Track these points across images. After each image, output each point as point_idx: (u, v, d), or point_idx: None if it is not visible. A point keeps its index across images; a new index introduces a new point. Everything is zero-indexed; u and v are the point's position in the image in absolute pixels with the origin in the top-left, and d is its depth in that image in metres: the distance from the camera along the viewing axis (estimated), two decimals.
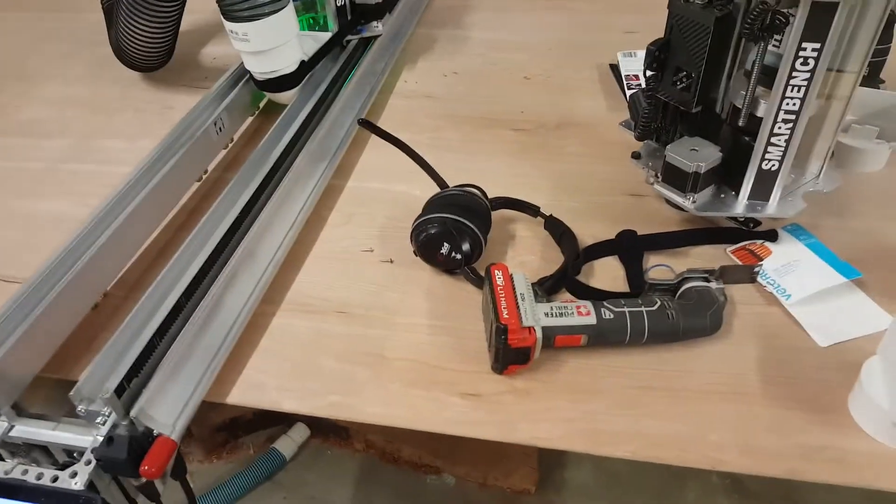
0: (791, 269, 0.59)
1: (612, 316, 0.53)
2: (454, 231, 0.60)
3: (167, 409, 0.50)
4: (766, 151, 0.56)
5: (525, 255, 0.65)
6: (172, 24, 0.87)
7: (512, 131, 0.83)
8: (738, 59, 0.58)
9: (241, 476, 1.15)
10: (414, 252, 0.62)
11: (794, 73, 0.51)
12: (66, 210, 0.74)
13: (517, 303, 0.53)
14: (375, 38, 0.92)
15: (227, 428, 1.22)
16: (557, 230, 0.65)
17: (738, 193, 0.60)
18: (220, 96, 0.80)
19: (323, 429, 1.25)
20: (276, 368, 0.55)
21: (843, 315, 0.56)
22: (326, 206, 0.72)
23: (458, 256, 0.60)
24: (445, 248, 0.60)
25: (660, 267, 0.62)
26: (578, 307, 0.53)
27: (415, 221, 0.62)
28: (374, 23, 0.91)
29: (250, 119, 0.86)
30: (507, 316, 0.51)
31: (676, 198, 0.61)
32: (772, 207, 0.59)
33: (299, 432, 1.24)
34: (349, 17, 0.89)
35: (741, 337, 0.55)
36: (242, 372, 0.55)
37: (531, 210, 0.67)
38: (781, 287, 0.58)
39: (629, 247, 0.63)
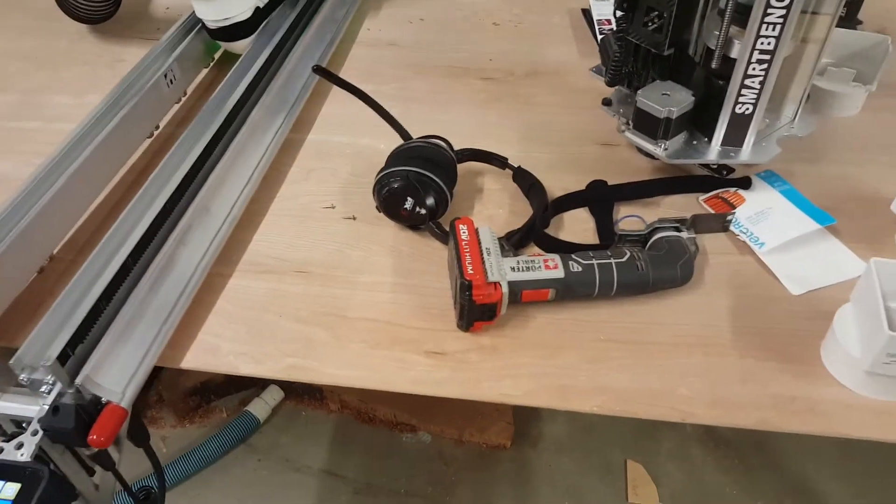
0: (764, 216, 0.58)
1: (580, 269, 0.51)
2: (417, 185, 0.57)
3: (115, 376, 0.47)
4: (739, 94, 0.54)
5: (493, 208, 0.63)
6: None
7: (480, 80, 0.79)
8: None
9: (214, 439, 1.14)
10: (377, 208, 0.60)
11: (768, 10, 0.49)
12: (10, 170, 0.69)
13: (482, 258, 0.51)
14: None
15: (198, 392, 1.21)
16: (526, 182, 0.63)
17: (710, 140, 0.58)
18: (171, 47, 0.75)
19: (296, 391, 1.24)
20: (231, 331, 0.53)
21: (816, 263, 0.55)
22: (285, 161, 0.69)
23: (423, 211, 0.58)
24: (409, 203, 0.58)
25: (630, 218, 0.60)
26: (546, 261, 0.51)
27: (377, 176, 0.59)
28: None
29: (205, 71, 0.81)
30: (471, 272, 0.49)
31: (647, 145, 0.58)
32: (745, 153, 0.57)
33: (273, 395, 1.22)
34: None
35: (713, 287, 0.54)
36: (197, 335, 0.53)
37: (499, 162, 0.65)
38: (755, 235, 0.56)
39: (599, 198, 0.61)
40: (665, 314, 0.52)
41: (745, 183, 0.60)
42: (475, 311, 0.50)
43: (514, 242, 0.57)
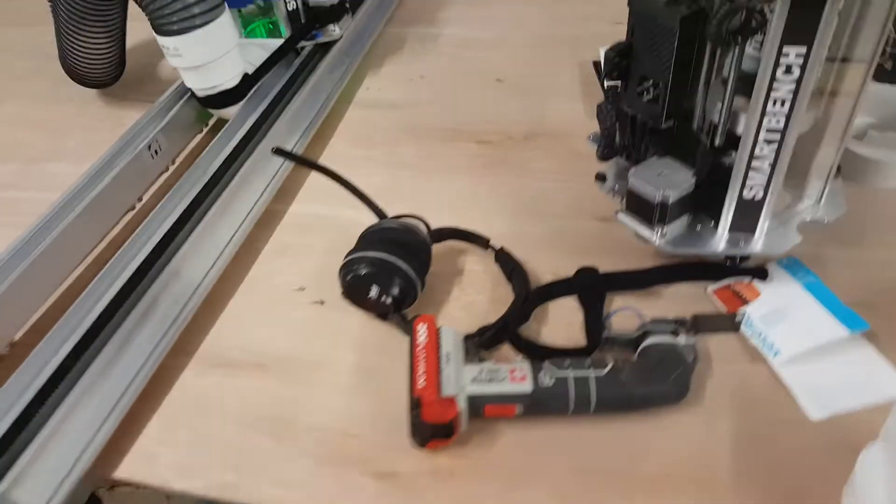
0: (783, 316, 0.49)
1: (551, 382, 0.44)
2: (384, 272, 0.52)
3: (38, 490, 0.44)
4: (746, 178, 0.46)
5: (473, 293, 0.57)
6: (113, 32, 0.80)
7: (475, 144, 0.74)
8: (715, 64, 0.48)
9: None
10: (342, 294, 0.55)
11: (775, 85, 0.41)
12: None
13: (440, 366, 0.45)
14: (334, 42, 0.84)
15: None
16: (508, 266, 0.56)
17: (717, 225, 0.50)
18: (160, 115, 0.74)
19: None
20: (173, 437, 0.49)
21: (844, 379, 0.46)
22: (261, 235, 0.65)
23: (388, 301, 0.52)
24: (374, 292, 0.52)
25: (625, 311, 0.53)
26: (512, 370, 0.45)
27: (344, 259, 0.54)
28: (332, 26, 0.83)
29: (198, 137, 0.79)
30: (423, 385, 0.43)
31: (643, 231, 0.51)
32: (757, 243, 0.49)
33: None
34: (303, 21, 0.81)
35: (714, 405, 0.46)
36: (137, 439, 0.49)
37: (480, 242, 0.59)
38: (769, 340, 0.48)
39: (588, 287, 0.54)
40: (655, 438, 0.45)
41: (762, 273, 0.52)
42: (427, 430, 0.43)
43: (484, 341, 0.50)
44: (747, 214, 0.48)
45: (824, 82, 0.47)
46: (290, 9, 0.80)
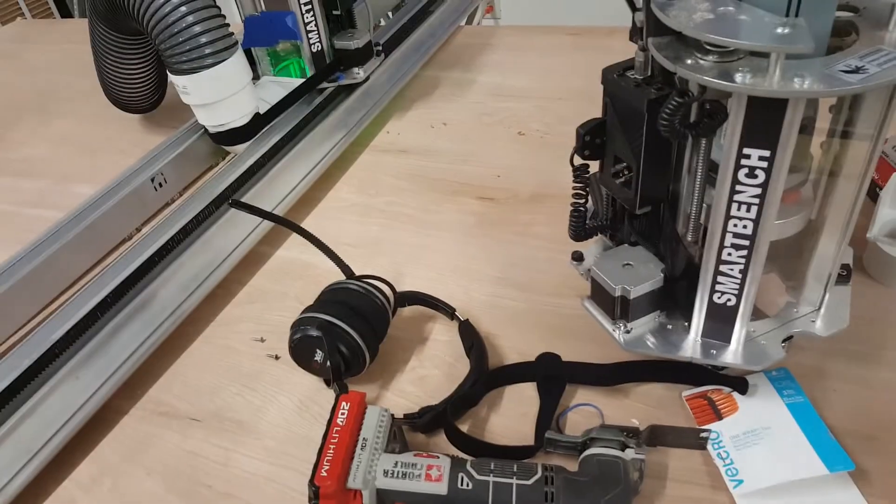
0: (756, 439, 0.43)
1: (469, 486, 0.40)
2: (330, 336, 0.50)
3: None
4: (715, 282, 0.41)
5: (430, 367, 0.54)
6: (147, 59, 0.83)
7: (477, 200, 0.71)
8: (688, 152, 0.43)
9: None
10: (289, 353, 0.53)
11: (737, 188, 0.36)
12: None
13: (353, 452, 0.42)
14: (357, 85, 0.84)
15: None
16: (468, 340, 0.53)
17: (690, 326, 0.45)
18: (172, 147, 0.76)
19: None
20: (97, 486, 0.48)
21: None
22: (241, 277, 0.64)
23: (329, 366, 0.50)
24: (319, 356, 0.50)
25: (585, 408, 0.48)
26: (429, 467, 0.41)
27: (298, 317, 0.52)
28: (356, 69, 0.82)
29: (213, 171, 0.80)
30: (325, 473, 0.40)
31: (605, 324, 0.46)
32: (731, 354, 0.43)
33: None
34: (327, 63, 0.82)
35: None
36: (63, 482, 0.48)
37: (445, 310, 0.56)
38: (734, 466, 0.42)
39: (547, 376, 0.49)
40: None
41: (741, 386, 0.46)
42: None
43: (422, 425, 0.47)
44: (720, 320, 0.42)
45: (821, 163, 0.41)
46: (315, 50, 0.80)
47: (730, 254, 0.39)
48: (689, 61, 0.35)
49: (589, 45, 0.96)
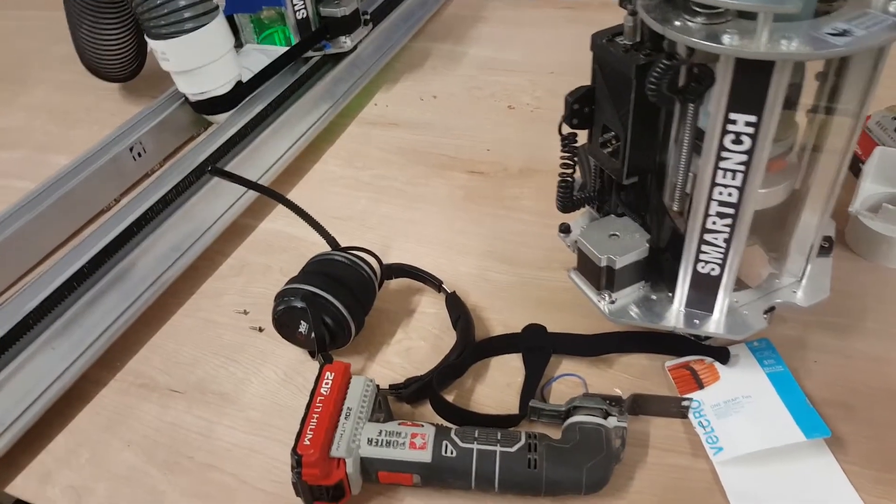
0: (737, 407, 0.43)
1: (453, 453, 0.40)
2: (315, 307, 0.49)
3: None
4: (699, 251, 0.41)
5: (416, 338, 0.53)
6: (126, 25, 0.81)
7: (466, 174, 0.70)
8: (676, 119, 0.42)
9: None
10: (273, 324, 0.52)
11: (723, 154, 0.36)
12: None
13: (337, 421, 0.41)
14: (345, 54, 0.82)
15: None
16: (455, 312, 0.53)
17: (673, 296, 0.45)
18: (151, 116, 0.74)
19: None
20: (74, 458, 0.47)
21: (788, 489, 0.40)
22: (225, 249, 0.64)
23: (314, 338, 0.49)
24: (303, 328, 0.50)
25: (568, 377, 0.48)
26: (413, 435, 0.41)
27: (282, 288, 0.52)
28: (343, 38, 0.81)
29: (195, 141, 0.79)
30: (309, 441, 0.40)
31: (591, 294, 0.46)
32: (713, 323, 0.43)
33: None
34: (313, 30, 0.80)
35: (639, 500, 0.41)
36: (39, 454, 0.48)
37: (433, 283, 0.55)
38: (714, 434, 0.42)
39: (532, 347, 0.49)
40: None
41: (723, 355, 0.46)
42: (310, 492, 0.40)
43: (406, 395, 0.47)
44: (703, 290, 0.43)
45: (805, 137, 0.41)
46: (300, 17, 0.78)
47: (714, 222, 0.39)
48: (677, 23, 0.35)
49: (583, 19, 0.95)
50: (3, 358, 0.49)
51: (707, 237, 0.40)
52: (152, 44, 0.68)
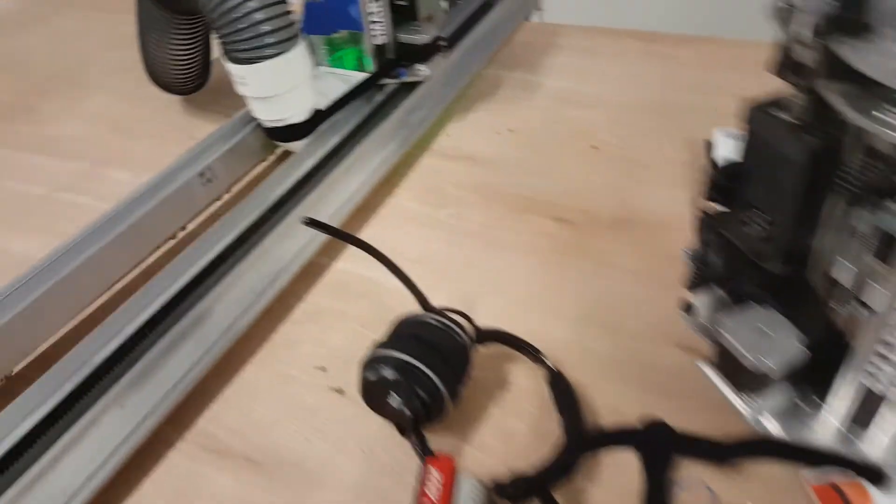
0: None
1: None
2: (408, 379, 0.44)
3: None
4: (868, 365, 0.36)
5: (513, 418, 0.48)
6: (196, 41, 0.78)
7: (552, 221, 0.65)
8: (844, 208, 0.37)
9: None
10: (359, 393, 0.48)
11: None
12: (34, 252, 0.67)
13: None
14: (419, 82, 0.78)
15: None
16: (561, 397, 0.47)
17: (823, 401, 0.40)
18: (222, 140, 0.70)
19: None
20: None
21: None
22: (298, 290, 0.59)
23: (408, 414, 0.45)
24: (394, 401, 0.45)
25: (692, 486, 0.43)
26: None
27: (368, 351, 0.47)
28: (420, 66, 0.76)
29: (262, 165, 0.75)
30: None
31: (730, 396, 0.41)
32: (874, 447, 0.38)
33: None
34: (390, 58, 0.75)
35: None
36: None
37: (531, 353, 0.50)
38: None
39: (653, 448, 0.44)
40: None
41: (875, 475, 0.40)
42: None
43: (513, 491, 0.42)
44: (866, 408, 0.37)
45: None
46: (377, 43, 0.74)
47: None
48: (877, 114, 0.30)
49: (658, 53, 0.90)
50: (67, 417, 0.45)
51: (882, 350, 0.34)
52: (231, 68, 0.64)
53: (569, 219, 0.65)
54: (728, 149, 0.68)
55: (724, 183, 0.40)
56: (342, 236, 0.53)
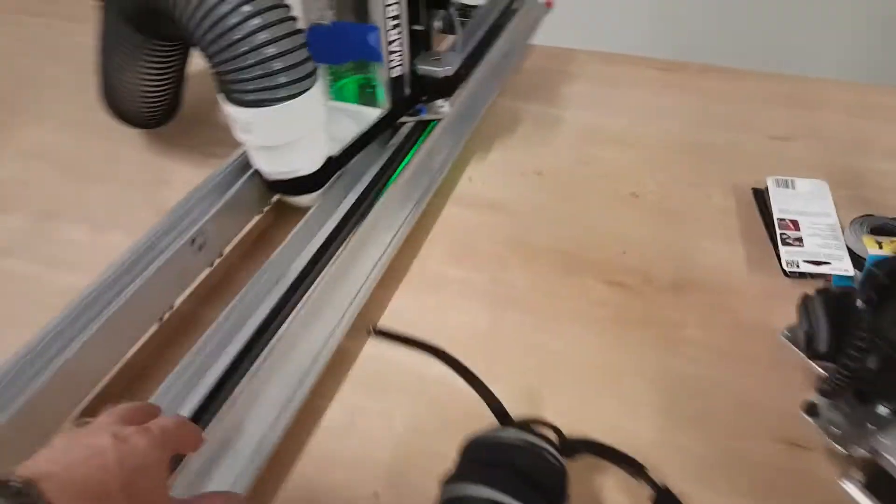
0: None
1: None
2: None
3: None
4: None
5: None
6: (170, 74, 0.66)
7: (604, 284, 0.58)
8: None
9: None
10: None
11: None
12: None
13: None
14: (437, 120, 0.68)
15: None
16: None
17: None
18: (212, 196, 0.58)
19: None
20: None
21: None
22: (324, 390, 0.49)
23: None
24: None
25: None
26: None
27: (441, 485, 0.38)
28: (440, 102, 0.67)
29: (256, 219, 0.63)
30: None
31: None
32: None
33: None
34: (407, 92, 0.66)
35: None
36: None
37: (630, 467, 0.43)
38: None
39: None
40: None
41: None
42: None
43: None
44: None
45: None
46: (394, 74, 0.64)
47: None
48: None
49: (679, 83, 0.84)
50: None
51: None
52: (233, 111, 0.52)
53: (622, 281, 0.58)
54: (783, 201, 0.63)
55: (886, 281, 0.34)
56: (415, 344, 0.44)
